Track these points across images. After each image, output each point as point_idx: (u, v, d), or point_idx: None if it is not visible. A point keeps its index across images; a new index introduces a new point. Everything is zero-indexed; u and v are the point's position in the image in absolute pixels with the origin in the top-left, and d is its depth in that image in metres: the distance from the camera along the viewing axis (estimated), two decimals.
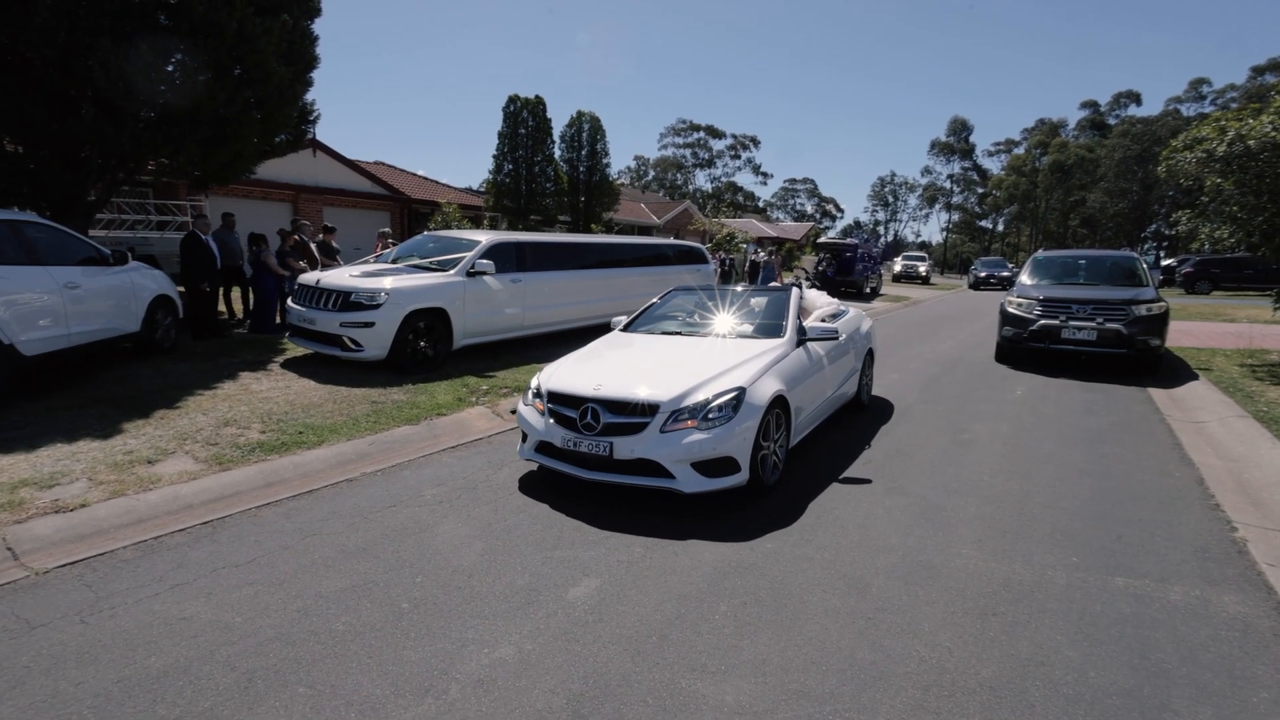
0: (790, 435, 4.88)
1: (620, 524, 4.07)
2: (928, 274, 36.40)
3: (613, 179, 28.54)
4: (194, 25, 7.93)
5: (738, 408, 4.23)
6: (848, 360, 6.31)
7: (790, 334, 5.31)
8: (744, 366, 4.63)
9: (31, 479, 4.21)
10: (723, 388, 4.32)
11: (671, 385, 4.32)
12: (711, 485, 4.14)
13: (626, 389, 4.33)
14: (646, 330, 5.80)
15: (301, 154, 17.22)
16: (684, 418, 4.17)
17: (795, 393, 4.86)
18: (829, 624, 3.09)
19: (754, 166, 79.40)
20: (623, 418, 4.23)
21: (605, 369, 4.76)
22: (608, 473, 4.25)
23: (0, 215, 6.08)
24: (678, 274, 12.89)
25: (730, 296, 6.09)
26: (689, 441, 4.10)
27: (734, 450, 4.18)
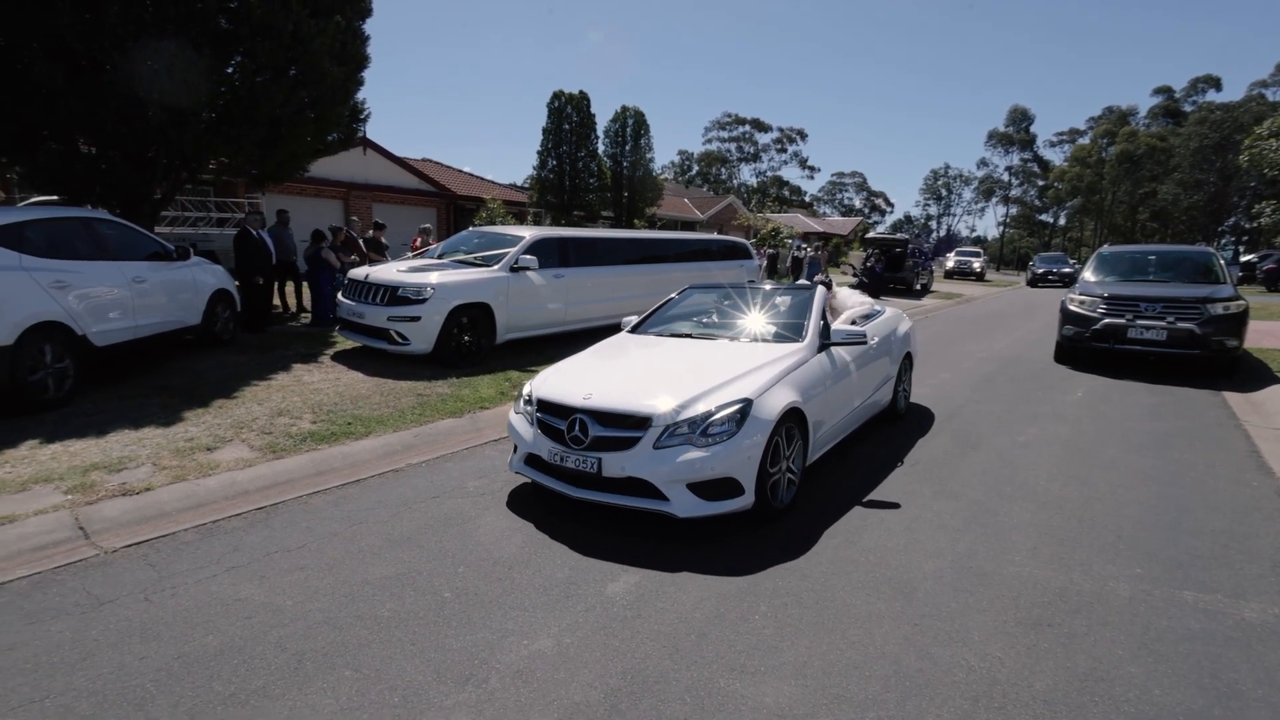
0: (808, 452, 4.38)
1: (661, 522, 4.05)
2: (982, 270, 35.13)
3: (656, 174, 28.47)
4: (253, 28, 8.22)
5: (742, 422, 3.77)
6: (881, 366, 5.76)
7: (811, 338, 4.80)
8: (754, 375, 4.15)
9: (102, 463, 4.45)
10: (726, 399, 3.85)
11: (669, 396, 3.88)
12: (710, 509, 3.71)
13: (618, 399, 3.92)
14: (656, 332, 5.34)
15: (352, 152, 17.72)
16: (681, 432, 3.73)
17: (814, 404, 4.36)
18: (873, 628, 3.01)
19: (800, 160, 77.76)
20: (613, 431, 3.81)
21: (600, 376, 4.37)
22: (596, 491, 3.85)
23: (75, 213, 6.45)
24: (721, 270, 12.77)
25: (749, 296, 5.62)
26: (684, 460, 3.65)
27: (736, 470, 3.72)
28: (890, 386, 6.05)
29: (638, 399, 3.90)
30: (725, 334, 5.13)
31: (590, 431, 3.84)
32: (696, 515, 3.70)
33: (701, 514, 3.70)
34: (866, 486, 4.67)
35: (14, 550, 3.44)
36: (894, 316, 6.47)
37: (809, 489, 4.48)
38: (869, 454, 5.35)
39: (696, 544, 3.76)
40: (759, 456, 3.79)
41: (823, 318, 5.04)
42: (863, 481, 4.76)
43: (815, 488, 4.55)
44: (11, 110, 7.79)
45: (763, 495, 3.89)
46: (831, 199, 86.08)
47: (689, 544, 3.75)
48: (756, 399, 3.88)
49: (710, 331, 5.25)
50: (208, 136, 8.46)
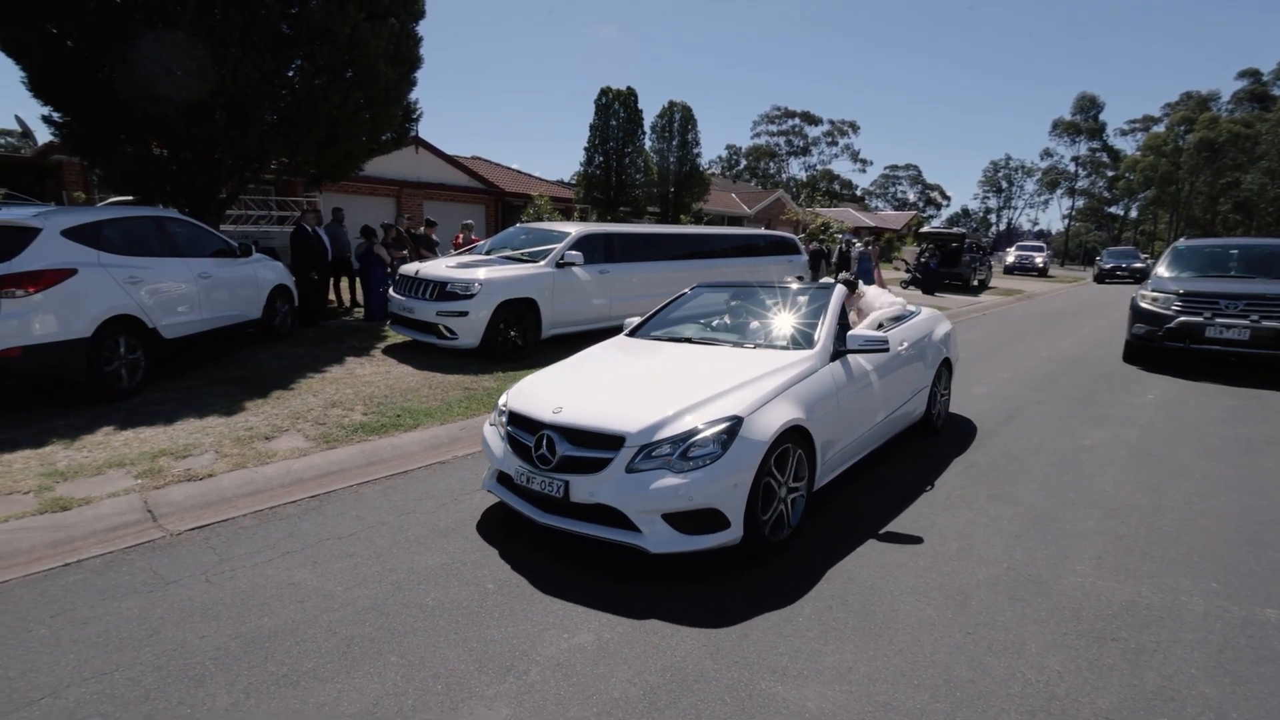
0: (814, 475, 3.85)
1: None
2: (1045, 265, 33.60)
3: (703, 169, 28.21)
4: (312, 32, 8.50)
5: (728, 443, 3.28)
6: (912, 373, 5.18)
7: (823, 345, 4.24)
8: (749, 387, 3.63)
9: (169, 449, 4.68)
10: (711, 417, 3.36)
11: (647, 411, 3.42)
12: (688, 545, 3.24)
13: (591, 414, 3.48)
14: (656, 335, 4.86)
15: (405, 151, 18.17)
16: (658, 454, 3.26)
17: (822, 421, 3.83)
18: (922, 635, 2.90)
19: (852, 153, 75.92)
20: (583, 450, 3.38)
21: (578, 386, 3.93)
22: (564, 517, 3.43)
23: (147, 212, 6.82)
24: (768, 265, 12.58)
25: (761, 296, 5.10)
26: (659, 487, 3.18)
27: (719, 500, 3.24)
28: (924, 396, 5.44)
29: (610, 415, 3.44)
30: (729, 339, 4.61)
31: (558, 450, 3.41)
32: (672, 551, 3.22)
33: (678, 550, 3.22)
34: (885, 514, 4.11)
35: (90, 530, 3.65)
36: (929, 318, 5.87)
37: (818, 517, 3.98)
38: (894, 475, 4.75)
39: None
40: (748, 483, 3.29)
41: (839, 321, 4.49)
42: (882, 507, 4.20)
43: (826, 515, 4.03)
44: (92, 116, 8.28)
45: (754, 528, 3.38)
46: (884, 193, 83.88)
47: None
48: (748, 416, 3.39)
49: (713, 336, 4.73)
50: (269, 137, 8.81)
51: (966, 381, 7.85)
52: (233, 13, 7.80)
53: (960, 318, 14.84)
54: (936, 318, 6.00)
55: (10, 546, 3.44)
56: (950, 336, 6.03)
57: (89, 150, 8.84)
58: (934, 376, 5.54)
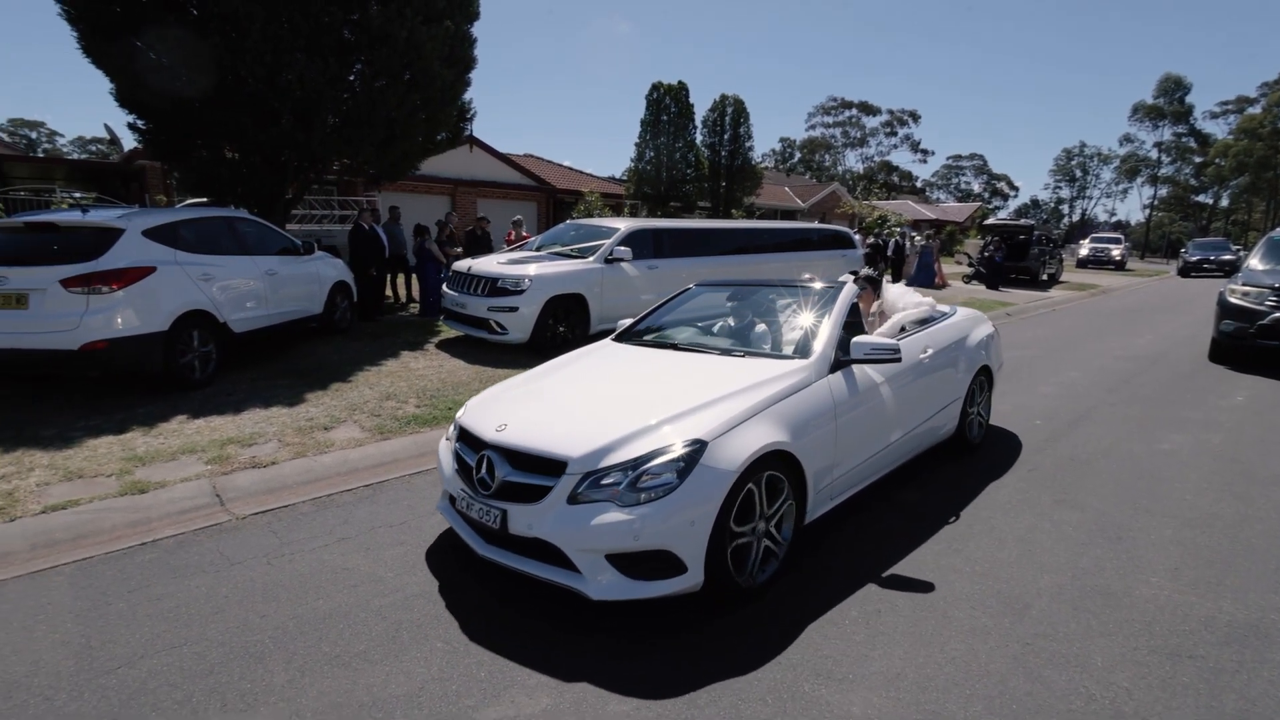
0: (805, 508, 3.34)
1: None
2: (1123, 258, 31.71)
3: (755, 162, 27.86)
4: (372, 37, 8.79)
5: (686, 472, 2.80)
6: (939, 384, 4.59)
7: (821, 354, 3.66)
8: (723, 404, 3.13)
9: (236, 438, 4.93)
10: (669, 440, 2.89)
11: (597, 432, 2.97)
12: (635, 592, 2.76)
13: (534, 434, 3.07)
14: (643, 340, 4.39)
15: (459, 150, 18.59)
16: (606, 483, 2.82)
17: (815, 443, 3.32)
18: (976, 644, 2.77)
19: (912, 144, 73.22)
20: (523, 476, 2.97)
21: (535, 399, 3.54)
22: (504, 550, 3.03)
23: (219, 212, 7.19)
24: (822, 260, 12.30)
25: (762, 296, 4.58)
26: (601, 523, 2.73)
27: (672, 540, 2.74)
28: (955, 410, 4.80)
29: (554, 436, 3.02)
30: (719, 346, 4.08)
31: (497, 474, 3.02)
32: (615, 599, 2.76)
33: (623, 597, 2.75)
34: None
35: (164, 512, 3.88)
36: (964, 320, 5.23)
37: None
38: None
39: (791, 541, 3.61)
40: (710, 520, 2.79)
41: (843, 326, 3.88)
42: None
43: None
44: (171, 123, 8.78)
45: (720, 571, 2.89)
46: (946, 184, 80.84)
47: None
48: (713, 440, 2.89)
49: (703, 342, 4.21)
50: (332, 139, 9.16)
51: (1032, 381, 7.49)
52: (299, 20, 8.14)
53: (1026, 314, 14.18)
54: (973, 320, 5.36)
55: (95, 526, 3.68)
56: (990, 341, 5.36)
57: (168, 155, 9.40)
58: (969, 387, 4.91)
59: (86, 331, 5.36)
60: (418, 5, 9.16)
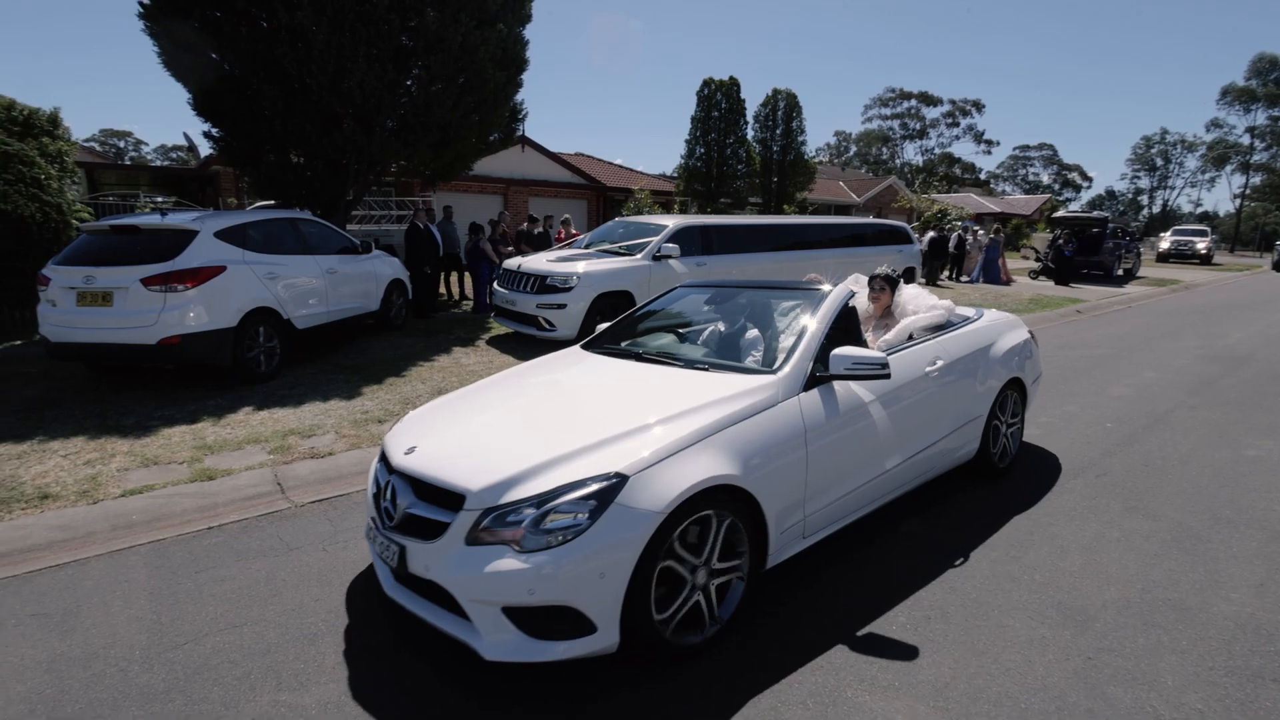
0: (766, 551, 2.86)
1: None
2: (1208, 251, 29.69)
3: (808, 157, 27.35)
4: (428, 42, 9.03)
5: (598, 512, 2.37)
6: (953, 400, 3.98)
7: (792, 368, 3.14)
8: (660, 428, 2.68)
9: (297, 429, 5.15)
10: (584, 473, 2.46)
11: (505, 461, 2.57)
12: (534, 653, 2.37)
13: (439, 459, 2.70)
14: (608, 347, 3.91)
15: (511, 150, 18.90)
16: (509, 521, 2.41)
17: (777, 474, 2.85)
18: (1033, 656, 2.64)
19: (976, 134, 70.25)
20: (424, 508, 2.60)
21: (461, 416, 3.15)
22: (404, 588, 2.71)
23: (284, 214, 7.52)
24: (877, 255, 11.99)
25: (748, 301, 4.04)
26: (495, 570, 2.34)
27: (577, 593, 2.34)
28: (976, 429, 4.20)
29: (458, 463, 2.64)
30: (687, 356, 3.58)
31: (399, 503, 2.68)
32: (511, 660, 2.37)
33: (520, 659, 2.37)
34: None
35: (230, 499, 4.09)
36: (989, 326, 4.56)
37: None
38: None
39: (832, 542, 3.53)
40: (627, 570, 2.37)
41: (826, 336, 3.31)
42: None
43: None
44: (243, 131, 9.24)
45: (643, 630, 2.46)
46: (1012, 176, 77.49)
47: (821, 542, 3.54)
48: (636, 474, 2.45)
49: (672, 352, 3.71)
50: (390, 142, 9.46)
51: (1103, 382, 7.10)
52: (360, 29, 8.43)
53: (1098, 311, 13.46)
54: (1001, 325, 4.70)
55: (168, 510, 3.92)
56: (1023, 349, 4.65)
57: (239, 161, 9.90)
58: (993, 402, 4.29)
59: (163, 327, 5.71)
60: (471, 10, 9.36)
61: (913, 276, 12.93)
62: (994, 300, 14.18)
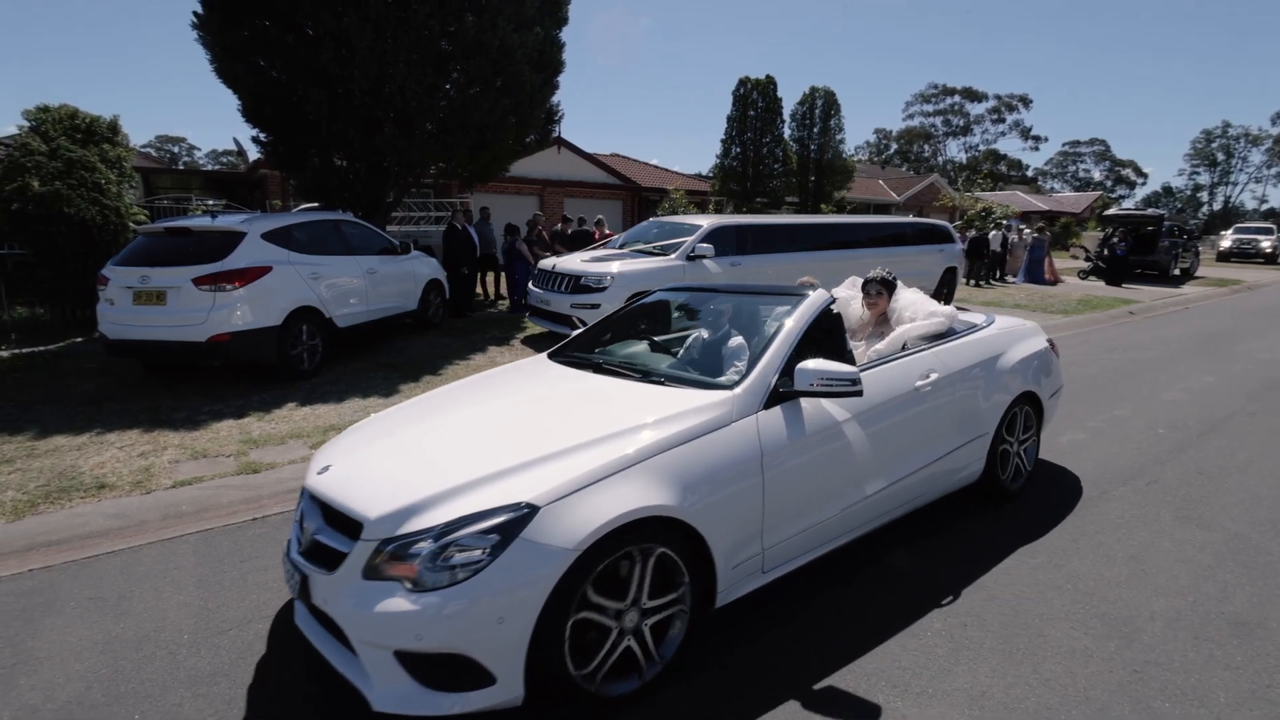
0: (717, 587, 2.55)
1: None
2: (1273, 250, 28.20)
3: (847, 156, 26.93)
4: (466, 47, 9.18)
5: (500, 548, 2.09)
6: (952, 416, 3.60)
7: (751, 383, 2.80)
8: (586, 452, 2.37)
9: (337, 424, 5.29)
10: (489, 503, 2.17)
11: (411, 485, 2.32)
12: (426, 706, 2.11)
13: (349, 480, 2.48)
14: (570, 357, 3.63)
15: (547, 151, 19.04)
16: (407, 554, 2.13)
17: (727, 504, 2.52)
18: (1075, 667, 2.55)
19: (1022, 130, 68.01)
20: (329, 535, 2.38)
21: (391, 431, 2.91)
22: (313, 620, 2.46)
23: (327, 216, 7.74)
24: (916, 255, 11.76)
25: (725, 307, 3.70)
26: (384, 611, 2.09)
27: (472, 641, 2.07)
28: (980, 448, 3.79)
29: (365, 486, 2.42)
30: (648, 368, 3.23)
31: (307, 527, 2.47)
32: (401, 713, 2.12)
33: (411, 712, 2.12)
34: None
35: (274, 491, 4.22)
36: (999, 335, 4.12)
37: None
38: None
39: (872, 545, 3.47)
40: (531, 615, 2.08)
41: (795, 348, 2.97)
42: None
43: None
44: (289, 135, 9.54)
45: (555, 682, 2.19)
46: (1061, 173, 74.89)
47: (861, 544, 3.47)
48: (549, 504, 2.17)
49: (635, 363, 3.39)
50: (429, 145, 9.65)
51: (1155, 386, 6.82)
52: (401, 34, 8.62)
53: (1152, 313, 12.93)
54: (1014, 334, 4.24)
55: (215, 501, 4.07)
56: (1038, 359, 4.21)
57: (286, 164, 10.22)
58: (1001, 419, 3.88)
59: (213, 325, 5.93)
60: (510, 13, 9.48)
61: (954, 277, 12.62)
62: (1040, 301, 13.73)
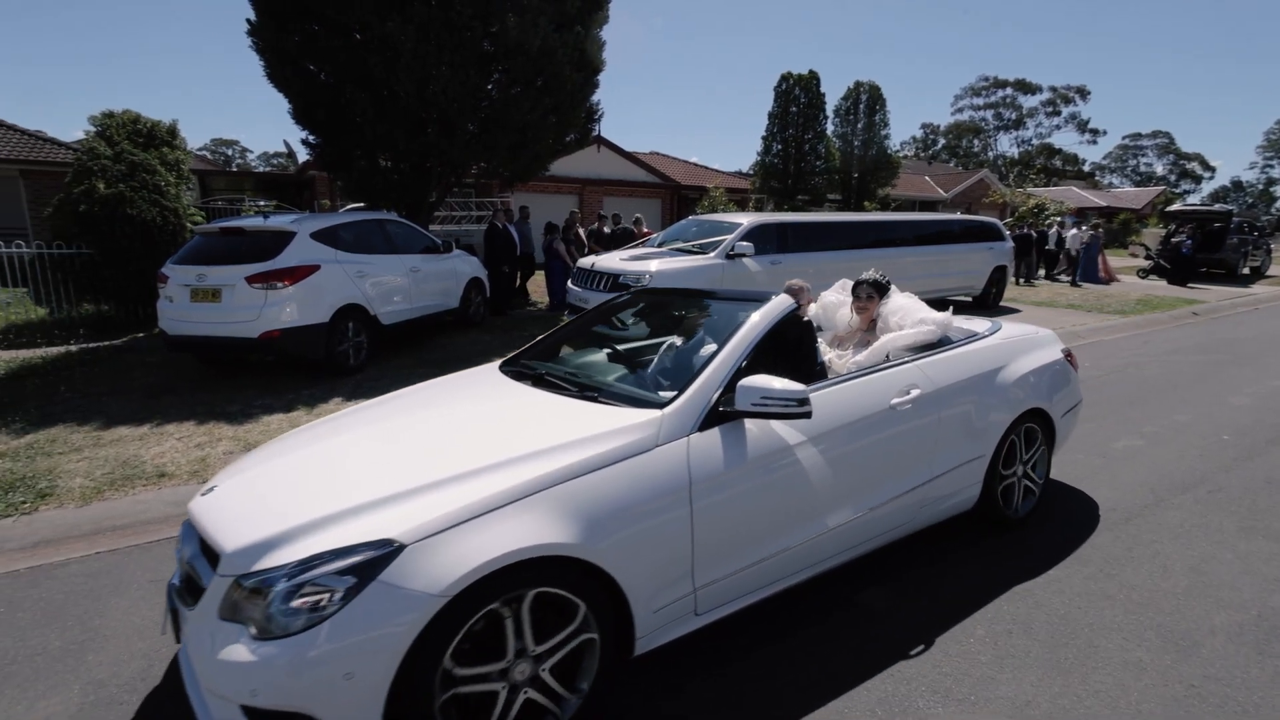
0: (635, 633, 2.24)
1: None
2: None
3: (892, 152, 26.34)
4: (508, 48, 9.29)
5: (354, 592, 1.82)
6: (939, 436, 3.18)
7: (686, 402, 2.48)
8: (476, 480, 2.09)
9: None
10: (353, 538, 1.91)
11: (276, 515, 2.07)
12: None
13: (223, 507, 2.25)
14: (521, 366, 3.26)
15: (587, 150, 19.14)
16: (272, 593, 1.85)
17: (644, 540, 2.22)
18: (1127, 680, 2.44)
19: (1079, 123, 65.11)
20: (200, 565, 2.13)
21: (295, 449, 2.66)
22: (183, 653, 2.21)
23: (373, 215, 7.94)
24: (964, 254, 11.43)
25: (693, 311, 3.46)
26: (225, 659, 1.83)
27: (315, 699, 1.80)
28: (975, 472, 3.38)
29: (234, 514, 2.17)
30: (589, 381, 2.90)
31: (183, 553, 2.25)
32: None
33: None
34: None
35: None
36: (1002, 345, 3.67)
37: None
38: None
39: (911, 549, 3.38)
40: (386, 671, 1.80)
41: (743, 360, 2.64)
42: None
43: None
44: (336, 137, 9.83)
45: None
46: (1121, 167, 71.69)
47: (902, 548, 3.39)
48: (416, 542, 1.89)
49: (582, 373, 3.11)
50: (471, 145, 9.81)
51: (1220, 390, 6.47)
52: (444, 36, 8.78)
53: (1219, 314, 12.27)
54: (1021, 343, 3.78)
55: None
56: (1051, 372, 3.76)
57: (333, 166, 10.52)
58: (1001, 439, 3.43)
59: (264, 322, 6.15)
60: (551, 13, 9.56)
61: (1004, 276, 12.22)
62: (1096, 301, 13.18)
